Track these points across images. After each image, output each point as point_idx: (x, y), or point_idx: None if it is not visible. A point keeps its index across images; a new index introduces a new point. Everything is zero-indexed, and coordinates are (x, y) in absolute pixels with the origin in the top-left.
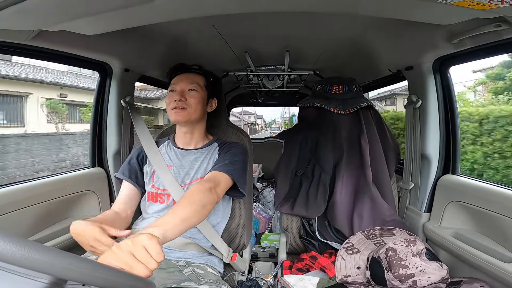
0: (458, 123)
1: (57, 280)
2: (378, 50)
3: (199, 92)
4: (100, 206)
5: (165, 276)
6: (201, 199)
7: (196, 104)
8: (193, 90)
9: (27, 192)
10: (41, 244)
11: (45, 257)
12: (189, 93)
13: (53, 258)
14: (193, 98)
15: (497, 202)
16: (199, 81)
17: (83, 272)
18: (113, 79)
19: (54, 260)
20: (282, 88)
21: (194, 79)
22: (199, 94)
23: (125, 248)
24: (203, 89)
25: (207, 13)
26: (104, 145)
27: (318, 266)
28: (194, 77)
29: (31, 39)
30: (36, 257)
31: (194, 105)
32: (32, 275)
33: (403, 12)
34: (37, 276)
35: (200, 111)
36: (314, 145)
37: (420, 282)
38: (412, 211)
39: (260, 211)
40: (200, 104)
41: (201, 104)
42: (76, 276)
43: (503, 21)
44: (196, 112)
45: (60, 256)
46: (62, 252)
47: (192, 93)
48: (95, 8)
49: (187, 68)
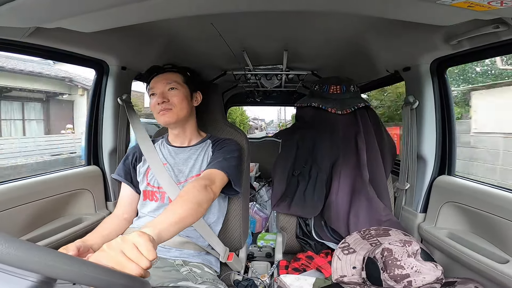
0: (454, 124)
1: (46, 278)
2: (376, 51)
3: (179, 90)
4: (95, 205)
5: (161, 275)
6: (196, 197)
7: (180, 102)
8: (173, 89)
9: (21, 190)
10: (29, 242)
11: (32, 255)
12: (170, 93)
13: (41, 256)
14: (176, 96)
15: (492, 204)
16: (177, 79)
17: (72, 270)
18: (109, 77)
19: (42, 258)
20: (280, 87)
21: (171, 78)
22: (180, 91)
23: (115, 246)
24: (183, 85)
25: (205, 12)
26: (100, 143)
27: (314, 266)
28: (171, 76)
29: (27, 36)
30: (24, 255)
31: (178, 104)
32: (20, 274)
33: (402, 12)
34: (25, 275)
35: (186, 108)
36: (311, 145)
37: (415, 282)
38: (408, 212)
39: (257, 211)
40: (184, 101)
41: (185, 101)
42: (64, 274)
43: (501, 22)
44: (183, 110)
45: (48, 254)
46: (50, 250)
47: (173, 92)
48: (92, 5)
49: (161, 69)
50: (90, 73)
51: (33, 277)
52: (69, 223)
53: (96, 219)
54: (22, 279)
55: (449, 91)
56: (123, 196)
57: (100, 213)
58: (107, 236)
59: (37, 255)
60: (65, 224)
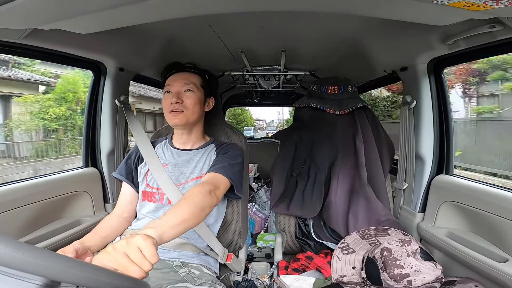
0: (451, 124)
1: (51, 282)
2: (373, 51)
3: (195, 93)
4: (93, 207)
5: (160, 277)
6: (201, 201)
7: (193, 106)
8: (189, 91)
9: (19, 193)
10: (34, 246)
11: (38, 259)
12: (185, 94)
13: (46, 260)
14: (190, 99)
15: (491, 203)
16: (195, 81)
17: (77, 274)
18: (107, 78)
19: (47, 262)
20: (278, 88)
21: (189, 79)
22: (195, 94)
23: (120, 249)
24: (199, 89)
25: (203, 12)
26: (98, 145)
27: (314, 266)
28: (190, 77)
29: (23, 38)
30: (29, 259)
31: (191, 107)
32: (24, 277)
33: (399, 12)
34: (30, 278)
35: (198, 112)
36: (309, 145)
37: (415, 282)
38: (406, 211)
39: (256, 211)
40: (197, 105)
41: (198, 105)
42: (69, 278)
43: (497, 22)
44: (194, 114)
45: (54, 258)
46: (55, 254)
47: (188, 93)
48: (89, 6)
49: (181, 67)
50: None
51: (38, 281)
52: (67, 225)
53: (95, 221)
54: (27, 282)
55: (446, 91)
56: (124, 195)
57: (98, 215)
58: (106, 237)
59: (43, 258)
60: (63, 226)
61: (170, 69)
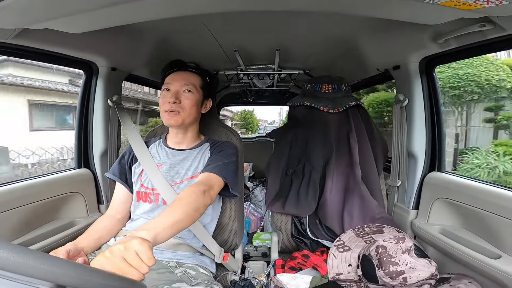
0: (443, 121)
1: (56, 286)
2: (367, 50)
3: (194, 94)
4: (87, 208)
5: (155, 277)
6: (195, 202)
7: (190, 107)
8: (188, 92)
9: (11, 194)
10: (41, 252)
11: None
12: (184, 94)
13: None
14: (188, 100)
15: (482, 199)
16: (195, 82)
17: (81, 278)
18: (99, 78)
19: (55, 268)
20: (272, 87)
21: (190, 79)
22: (194, 96)
23: (117, 253)
24: (198, 90)
25: (197, 12)
26: (90, 145)
27: (310, 264)
28: (190, 77)
29: (13, 38)
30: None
31: (188, 108)
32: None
33: (391, 12)
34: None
35: (194, 114)
36: (304, 144)
37: (411, 279)
38: (400, 208)
39: (252, 210)
40: (195, 107)
41: (195, 107)
42: (75, 282)
43: (487, 21)
44: (190, 115)
45: (61, 264)
46: (59, 259)
47: (187, 94)
48: (80, 6)
49: (183, 66)
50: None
51: (44, 285)
52: (61, 227)
53: (88, 222)
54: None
55: (437, 89)
56: (117, 195)
57: (92, 216)
58: (100, 239)
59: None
60: (57, 227)
61: (172, 67)
